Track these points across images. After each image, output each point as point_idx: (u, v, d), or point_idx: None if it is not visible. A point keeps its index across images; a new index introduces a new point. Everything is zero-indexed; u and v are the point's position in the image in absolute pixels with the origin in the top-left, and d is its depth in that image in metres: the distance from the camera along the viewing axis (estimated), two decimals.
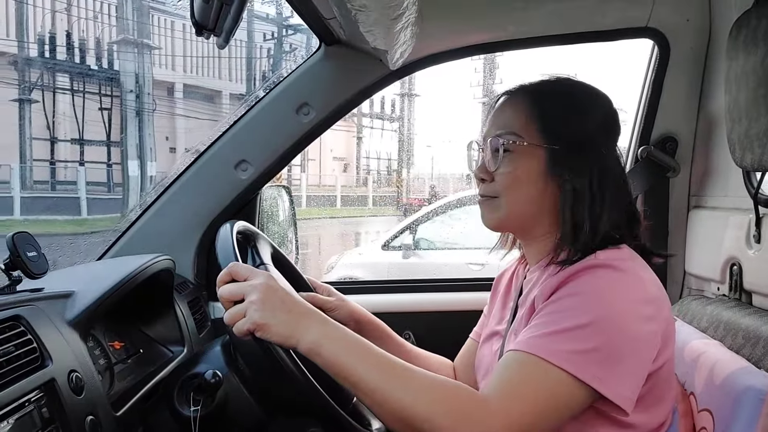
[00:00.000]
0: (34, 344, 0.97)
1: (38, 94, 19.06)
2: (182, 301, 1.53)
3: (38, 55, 18.91)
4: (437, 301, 1.88)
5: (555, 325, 0.88)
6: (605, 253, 0.95)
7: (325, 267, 6.45)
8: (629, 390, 0.87)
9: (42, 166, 19.17)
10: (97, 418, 1.02)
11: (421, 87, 24.15)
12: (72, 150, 20.34)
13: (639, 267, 0.95)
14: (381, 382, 0.85)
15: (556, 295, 0.92)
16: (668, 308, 0.97)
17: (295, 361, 1.00)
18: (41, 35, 19.20)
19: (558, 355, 0.85)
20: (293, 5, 1.39)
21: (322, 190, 23.27)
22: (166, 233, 1.69)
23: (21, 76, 18.60)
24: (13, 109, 18.34)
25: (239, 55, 23.02)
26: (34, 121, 18.75)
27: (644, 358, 0.90)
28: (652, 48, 1.70)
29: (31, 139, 18.43)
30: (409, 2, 1.18)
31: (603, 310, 0.88)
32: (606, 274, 0.91)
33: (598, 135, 1.02)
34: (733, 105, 1.26)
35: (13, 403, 0.88)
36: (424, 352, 1.35)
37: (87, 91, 19.54)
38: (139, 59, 18.26)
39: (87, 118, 19.51)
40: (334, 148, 26.46)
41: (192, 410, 1.12)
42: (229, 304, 0.91)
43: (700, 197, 1.65)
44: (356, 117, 25.27)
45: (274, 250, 1.33)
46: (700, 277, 1.59)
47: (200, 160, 1.69)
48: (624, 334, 0.87)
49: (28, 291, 1.10)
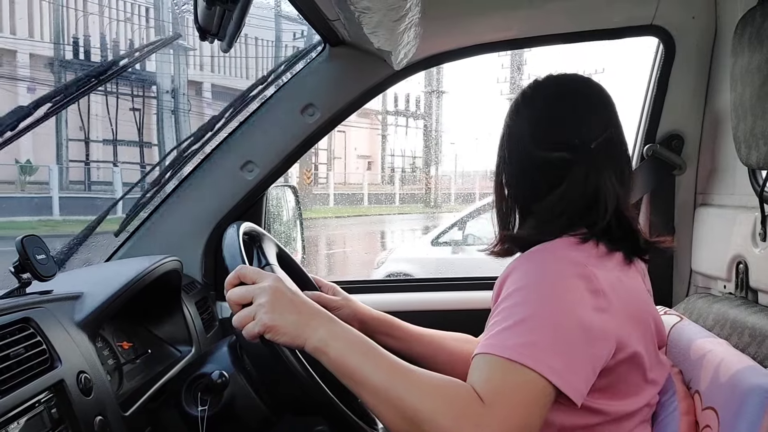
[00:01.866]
0: (43, 346, 0.98)
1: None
2: (190, 301, 1.54)
3: (73, 56, 19.01)
4: (444, 300, 1.88)
5: (506, 321, 0.89)
6: (561, 242, 0.97)
7: (375, 263, 6.50)
8: (580, 381, 0.88)
9: (77, 167, 19.32)
10: (106, 418, 1.04)
11: (449, 83, 24.17)
12: (104, 150, 20.48)
13: (592, 258, 0.95)
14: (384, 382, 0.86)
15: (505, 289, 0.94)
16: (632, 302, 0.97)
17: (301, 361, 1.01)
18: (76, 37, 19.33)
19: (513, 350, 0.86)
20: (297, 7, 1.39)
21: (347, 188, 23.22)
22: (173, 234, 1.70)
23: (57, 78, 18.68)
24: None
25: (267, 55, 23.02)
26: (68, 122, 18.88)
27: (595, 348, 0.90)
28: (658, 46, 1.70)
29: (68, 140, 18.55)
30: (413, 3, 1.18)
31: (544, 300, 0.89)
32: (548, 264, 0.93)
33: (515, 129, 1.08)
34: (738, 102, 1.26)
35: (24, 404, 0.89)
36: (440, 332, 1.35)
37: (120, 92, 19.64)
38: (174, 60, 18.40)
39: (121, 118, 19.61)
40: (358, 146, 26.47)
41: (199, 410, 1.13)
42: (238, 307, 0.93)
43: (707, 195, 1.64)
44: (381, 115, 25.27)
45: (280, 250, 1.34)
46: (707, 275, 1.58)
47: (207, 161, 1.71)
48: (568, 322, 0.88)
49: (38, 293, 1.11)
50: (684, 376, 1.18)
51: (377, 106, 25.24)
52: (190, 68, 19.92)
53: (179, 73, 18.68)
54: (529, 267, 0.95)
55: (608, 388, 0.94)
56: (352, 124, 24.51)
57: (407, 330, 1.32)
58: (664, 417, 1.06)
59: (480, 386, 0.86)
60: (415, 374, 0.88)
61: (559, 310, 0.89)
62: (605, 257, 0.98)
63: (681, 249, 1.67)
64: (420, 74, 12.49)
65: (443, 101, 23.87)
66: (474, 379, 0.88)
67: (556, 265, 0.93)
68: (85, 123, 19.03)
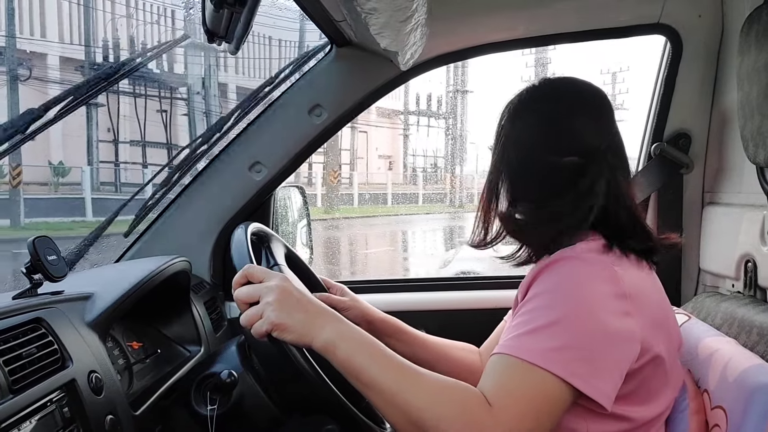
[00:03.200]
0: (55, 346, 0.99)
1: (102, 97, 19.24)
2: (199, 301, 1.55)
3: (103, 59, 19.12)
4: (451, 299, 1.88)
5: (529, 324, 0.89)
6: (585, 245, 0.96)
7: (442, 262, 6.53)
8: (608, 386, 0.87)
9: (107, 168, 19.44)
10: (116, 417, 1.05)
11: (473, 83, 24.10)
12: (131, 152, 20.59)
13: (616, 262, 0.95)
14: (392, 383, 0.86)
15: (531, 291, 0.94)
16: (656, 303, 0.97)
17: (309, 360, 1.02)
18: (106, 40, 19.45)
19: (536, 354, 0.85)
20: (303, 8, 1.40)
21: (369, 188, 23.22)
22: (182, 235, 1.71)
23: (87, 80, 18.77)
24: (79, 113, 18.54)
25: (290, 56, 23.07)
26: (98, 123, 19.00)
27: (622, 353, 0.89)
28: (665, 44, 1.70)
29: (98, 141, 18.66)
30: (419, 3, 1.19)
31: (572, 305, 0.88)
32: (575, 268, 0.92)
33: (512, 131, 1.06)
34: (745, 101, 1.25)
35: (36, 403, 0.90)
36: (444, 340, 1.35)
37: (149, 94, 19.75)
38: (205, 62, 18.48)
39: (148, 119, 19.72)
40: (379, 146, 26.45)
41: (209, 409, 1.14)
42: (245, 306, 0.93)
43: (715, 194, 1.64)
44: (402, 114, 25.24)
45: (288, 251, 1.35)
46: (715, 273, 1.58)
47: (215, 162, 1.72)
48: (596, 329, 0.87)
49: (49, 294, 1.12)
50: (692, 375, 1.18)
51: (399, 106, 25.21)
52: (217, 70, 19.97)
53: (210, 74, 18.75)
54: (555, 270, 0.93)
55: (633, 393, 0.93)
56: (373, 124, 24.50)
57: (413, 335, 1.32)
58: (675, 416, 1.06)
59: (492, 388, 0.86)
60: (422, 377, 0.88)
61: (585, 314, 0.88)
62: (625, 259, 0.98)
63: (689, 248, 1.66)
64: (443, 74, 12.17)
65: (467, 101, 23.87)
66: (487, 380, 0.88)
67: (583, 269, 0.92)
68: (114, 124, 19.12)
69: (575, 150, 1.01)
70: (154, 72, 19.83)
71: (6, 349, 0.91)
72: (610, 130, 1.03)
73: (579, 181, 0.99)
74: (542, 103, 1.06)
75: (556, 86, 1.08)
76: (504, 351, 0.88)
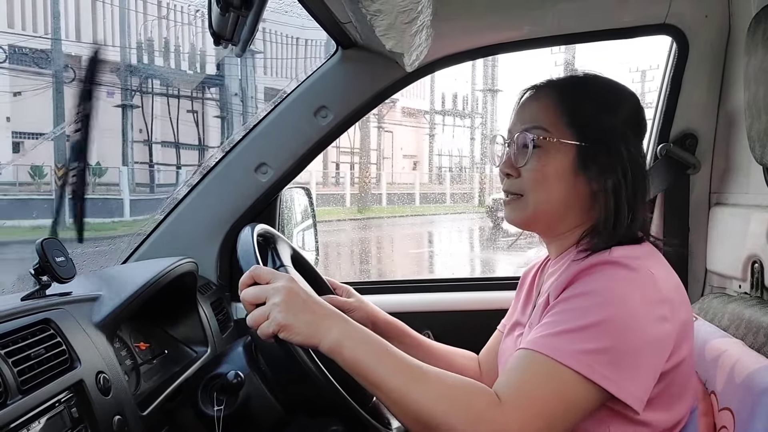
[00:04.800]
0: (63, 347, 1.00)
1: (137, 99, 19.34)
2: (205, 302, 1.56)
3: (137, 61, 19.22)
4: (457, 300, 1.88)
5: (565, 324, 0.88)
6: (621, 250, 0.94)
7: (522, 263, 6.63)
8: (640, 390, 0.87)
9: (142, 169, 19.53)
10: (124, 417, 1.05)
11: (502, 82, 24.02)
12: (164, 153, 20.67)
13: (655, 265, 0.94)
14: (399, 382, 0.87)
15: (567, 291, 0.92)
16: (685, 308, 0.96)
17: (315, 362, 1.02)
18: (139, 42, 19.53)
19: (567, 354, 0.85)
20: (309, 10, 1.40)
21: (395, 187, 23.16)
22: (188, 236, 1.72)
23: (123, 83, 18.87)
24: (115, 114, 18.61)
25: (317, 56, 23.04)
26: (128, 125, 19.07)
27: (656, 358, 0.89)
28: (671, 45, 1.69)
29: (133, 142, 18.75)
30: (424, 5, 1.19)
31: (614, 309, 0.87)
32: (618, 273, 0.91)
33: (626, 132, 1.02)
34: (752, 101, 1.25)
35: (45, 403, 0.91)
36: (445, 346, 1.36)
37: (182, 95, 19.80)
38: (243, 64, 18.54)
39: (182, 119, 19.79)
40: (403, 146, 26.42)
41: (215, 410, 1.14)
42: (252, 307, 0.93)
43: (721, 194, 1.63)
44: (428, 114, 25.23)
45: (294, 252, 1.35)
46: (722, 274, 1.57)
47: (221, 164, 1.72)
48: (635, 334, 0.87)
49: (57, 295, 1.13)
50: (700, 377, 1.17)
51: (423, 105, 25.15)
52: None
53: (247, 75, 18.78)
54: (597, 275, 0.91)
55: (656, 397, 0.93)
56: (399, 123, 24.46)
57: (417, 339, 1.33)
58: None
59: (510, 383, 0.86)
60: (429, 375, 0.88)
61: (626, 320, 0.87)
62: (657, 256, 0.98)
63: (696, 248, 1.66)
64: (469, 72, 11.90)
65: (497, 99, 23.90)
66: (507, 376, 0.88)
67: (625, 275, 0.91)
68: (147, 125, 19.19)
69: (640, 148, 1.06)
70: (188, 73, 19.89)
71: (15, 350, 0.92)
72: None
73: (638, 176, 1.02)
74: (619, 100, 1.05)
75: (598, 80, 1.08)
76: (532, 347, 0.88)
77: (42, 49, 17.21)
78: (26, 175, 16.63)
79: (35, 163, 16.31)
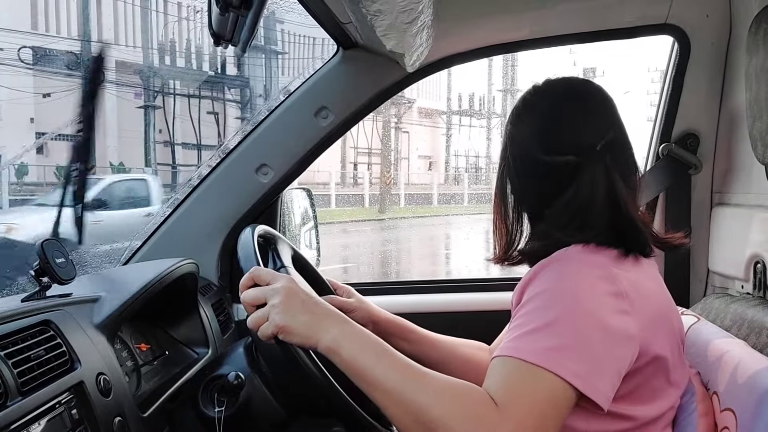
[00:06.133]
0: (63, 348, 1.00)
1: (159, 100, 19.28)
2: (206, 303, 1.56)
3: (159, 62, 19.18)
4: (459, 301, 1.88)
5: (528, 326, 0.88)
6: (578, 247, 0.96)
7: None
8: (606, 386, 0.87)
9: (163, 170, 19.53)
10: (124, 419, 1.05)
11: (522, 83, 24.03)
12: (184, 155, 20.65)
13: (612, 262, 0.95)
14: (397, 383, 0.86)
15: (526, 294, 0.94)
16: (654, 304, 0.96)
17: (316, 363, 1.02)
18: (161, 43, 19.52)
19: (537, 354, 0.85)
20: (309, 10, 1.40)
21: (412, 188, 23.16)
22: (189, 237, 1.72)
23: (145, 84, 18.85)
24: (137, 116, 18.58)
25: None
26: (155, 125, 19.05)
27: (620, 351, 0.89)
28: (672, 44, 1.69)
29: (155, 143, 18.74)
30: (425, 5, 1.19)
31: (568, 304, 0.88)
32: (567, 267, 0.92)
33: (515, 134, 1.08)
34: (753, 101, 1.25)
35: (45, 405, 0.91)
36: (453, 338, 1.34)
37: (202, 95, 19.71)
38: (267, 65, 18.58)
39: (204, 120, 19.76)
40: (419, 147, 26.40)
41: (216, 411, 1.14)
42: (252, 309, 0.93)
43: (723, 194, 1.63)
44: (445, 114, 25.23)
45: (295, 253, 1.35)
46: (724, 275, 1.57)
47: (221, 165, 1.72)
48: (592, 327, 0.87)
49: (57, 296, 1.13)
50: (702, 377, 1.17)
51: (439, 106, 25.11)
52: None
53: (270, 75, 18.81)
54: (551, 271, 0.94)
55: (633, 392, 0.93)
56: (415, 123, 24.43)
57: (421, 334, 1.32)
58: (683, 419, 1.05)
59: (496, 390, 0.86)
60: (428, 377, 0.88)
61: (582, 313, 0.88)
62: (622, 259, 0.98)
63: (698, 249, 1.65)
64: (485, 72, 12.00)
65: (516, 100, 23.96)
66: (491, 382, 0.87)
67: (578, 268, 0.93)
68: (169, 126, 19.17)
69: (570, 149, 1.01)
70: (210, 74, 19.86)
71: (15, 351, 0.91)
72: (608, 130, 1.03)
73: (575, 181, 1.00)
74: (540, 103, 1.07)
75: (553, 86, 1.09)
76: (504, 353, 0.88)
77: (71, 51, 17.25)
78: (52, 175, 16.68)
79: (60, 164, 16.36)
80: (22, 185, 15.72)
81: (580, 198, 0.99)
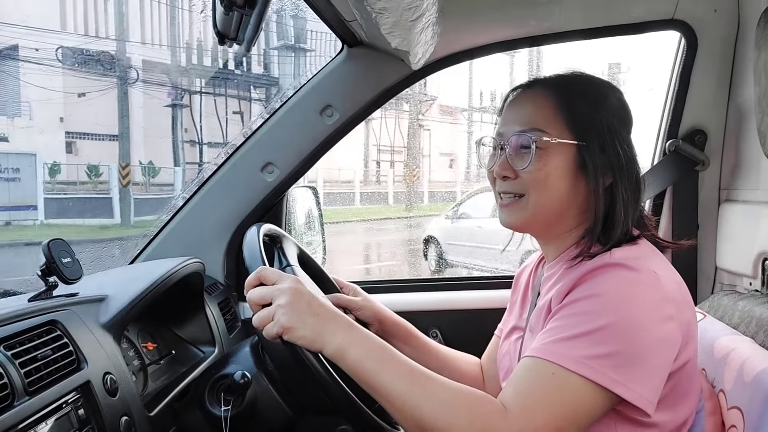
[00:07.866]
0: (70, 347, 1.01)
1: (185, 99, 19.34)
2: (212, 302, 1.56)
3: (186, 62, 19.21)
4: (464, 299, 1.88)
5: (571, 330, 0.87)
6: (621, 251, 0.94)
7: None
8: (650, 392, 0.86)
9: (191, 169, 19.60)
10: (131, 418, 1.05)
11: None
12: (208, 153, 20.69)
13: (656, 264, 0.93)
14: (403, 389, 0.86)
15: (571, 296, 0.91)
16: (689, 305, 0.95)
17: (322, 362, 1.02)
18: (189, 43, 19.54)
19: (575, 361, 0.84)
20: (314, 8, 1.40)
21: (433, 185, 23.09)
22: (195, 236, 1.72)
23: (173, 83, 18.90)
24: (164, 115, 18.63)
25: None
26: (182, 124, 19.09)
27: (664, 358, 0.89)
28: (679, 40, 1.67)
29: (183, 142, 18.79)
30: (430, 2, 1.18)
31: (619, 312, 0.86)
32: (621, 274, 0.89)
33: (621, 129, 1.01)
34: (762, 96, 1.23)
35: (52, 404, 0.92)
36: (451, 350, 1.36)
37: (229, 94, 19.73)
38: (296, 63, 18.61)
39: (230, 119, 19.76)
40: (439, 144, 26.30)
41: (223, 410, 1.14)
42: (258, 308, 0.93)
43: (731, 191, 1.62)
44: (466, 111, 25.13)
45: (300, 252, 1.35)
46: (732, 272, 1.56)
47: (227, 164, 1.72)
48: (642, 336, 0.86)
49: (64, 296, 1.13)
50: (708, 375, 1.16)
51: (462, 103, 25.02)
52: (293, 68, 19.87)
53: (299, 74, 18.82)
54: (600, 277, 0.90)
55: (664, 398, 0.92)
56: (439, 121, 24.36)
57: (422, 340, 1.32)
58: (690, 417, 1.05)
59: (516, 391, 0.85)
60: (433, 383, 0.88)
61: (632, 322, 0.86)
62: (659, 255, 0.97)
63: (705, 246, 1.64)
64: (507, 68, 11.84)
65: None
66: (514, 383, 0.87)
67: (628, 276, 0.90)
68: (196, 126, 19.19)
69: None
70: (236, 73, 19.87)
71: (22, 351, 0.92)
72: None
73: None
74: (610, 97, 1.04)
75: (589, 78, 1.07)
76: (538, 355, 0.87)
77: (105, 51, 17.33)
78: (83, 174, 16.84)
79: (92, 163, 16.53)
80: (55, 184, 15.87)
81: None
